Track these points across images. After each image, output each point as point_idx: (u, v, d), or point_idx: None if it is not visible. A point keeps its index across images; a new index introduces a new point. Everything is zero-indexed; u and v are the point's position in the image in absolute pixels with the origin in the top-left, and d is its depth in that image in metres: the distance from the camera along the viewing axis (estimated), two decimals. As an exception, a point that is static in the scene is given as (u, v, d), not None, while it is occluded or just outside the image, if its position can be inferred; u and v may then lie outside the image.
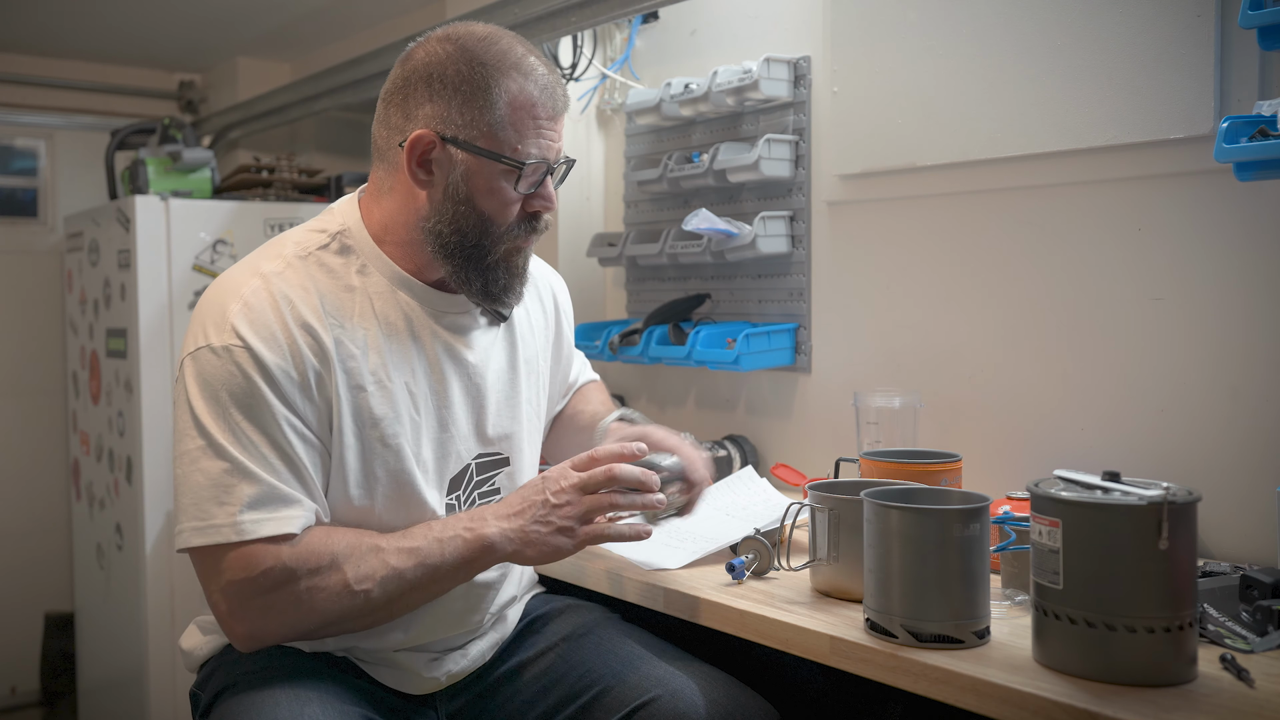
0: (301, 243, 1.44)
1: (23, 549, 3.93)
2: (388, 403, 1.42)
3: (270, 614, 1.33)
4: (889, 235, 2.11)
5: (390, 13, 3.47)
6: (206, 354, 1.34)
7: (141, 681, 3.04)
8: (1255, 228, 1.61)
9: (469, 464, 1.51)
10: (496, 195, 1.40)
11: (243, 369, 1.33)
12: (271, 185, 3.29)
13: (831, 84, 2.17)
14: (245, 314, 1.35)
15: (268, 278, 1.39)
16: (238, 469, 1.31)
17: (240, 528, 1.30)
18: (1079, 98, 1.77)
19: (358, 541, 1.35)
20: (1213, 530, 1.63)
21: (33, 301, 4.02)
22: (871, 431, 1.95)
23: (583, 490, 1.38)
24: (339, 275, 1.43)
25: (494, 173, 1.39)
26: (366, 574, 1.33)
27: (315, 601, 1.32)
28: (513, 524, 1.37)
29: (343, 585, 1.32)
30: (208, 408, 1.33)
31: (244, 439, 1.32)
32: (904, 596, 1.26)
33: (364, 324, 1.42)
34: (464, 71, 1.38)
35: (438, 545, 1.36)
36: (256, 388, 1.33)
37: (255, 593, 1.31)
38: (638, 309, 2.65)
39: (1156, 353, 1.72)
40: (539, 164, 1.41)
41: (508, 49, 1.41)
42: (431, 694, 1.52)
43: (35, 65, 3.99)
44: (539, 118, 1.39)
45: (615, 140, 2.73)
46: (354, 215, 1.47)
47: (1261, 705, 1.08)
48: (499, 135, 1.38)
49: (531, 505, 1.38)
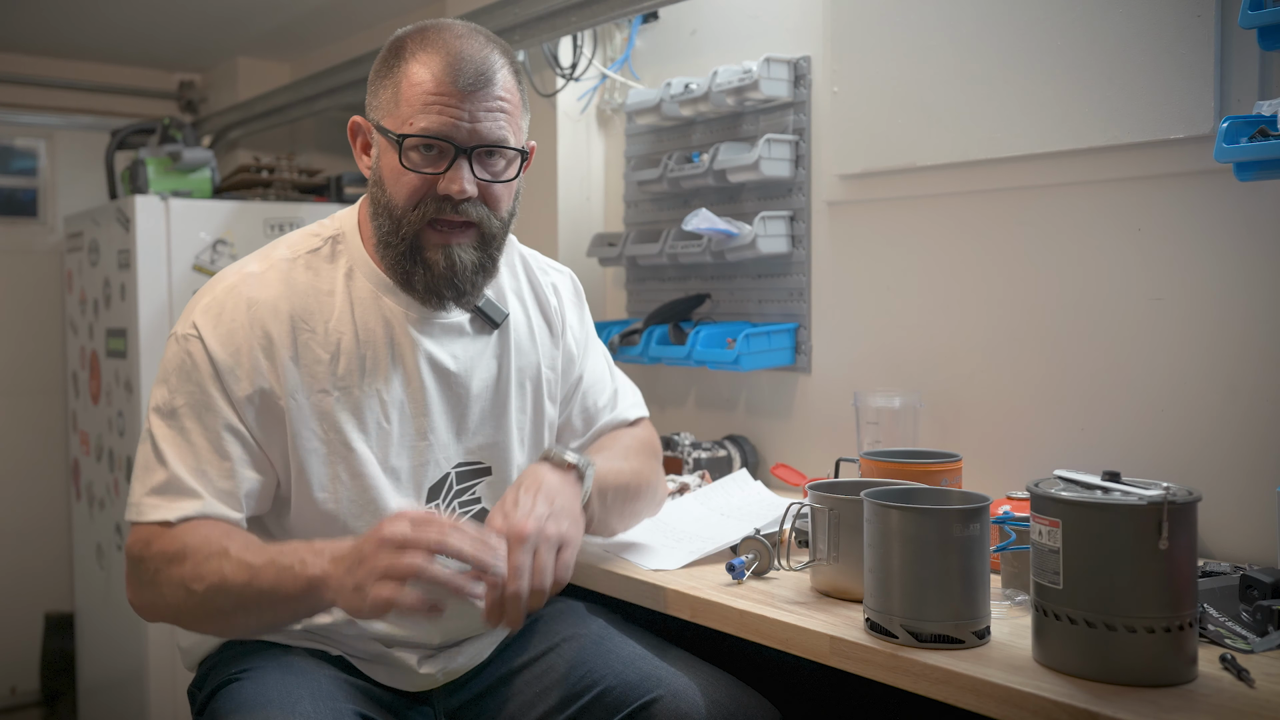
0: (294, 245, 1.49)
1: (23, 549, 3.94)
2: (352, 408, 1.43)
3: (141, 589, 1.38)
4: (889, 235, 2.11)
5: (390, 13, 3.47)
6: (171, 342, 1.43)
7: (141, 681, 3.04)
8: (1255, 228, 1.61)
9: (449, 473, 1.50)
10: (396, 173, 1.40)
11: (193, 358, 1.40)
12: (271, 185, 3.29)
13: (831, 84, 2.17)
14: (211, 309, 1.42)
15: (245, 278, 1.44)
16: (158, 455, 1.39)
17: (139, 508, 1.38)
18: (1079, 98, 1.77)
19: (215, 543, 1.33)
20: (1213, 530, 1.63)
21: (33, 301, 4.02)
22: (871, 431, 1.95)
23: (399, 547, 1.21)
24: (323, 279, 1.46)
25: (390, 149, 1.40)
26: (201, 575, 1.31)
27: (161, 587, 1.35)
28: (336, 569, 1.26)
29: (179, 578, 1.33)
30: (157, 391, 1.42)
31: (177, 424, 1.39)
32: (904, 596, 1.26)
33: (339, 329, 1.44)
34: (389, 56, 1.43)
35: (273, 570, 1.29)
36: (201, 378, 1.39)
37: (131, 567, 1.39)
38: (638, 309, 2.65)
39: (1156, 353, 1.72)
40: (431, 141, 1.36)
41: (434, 34, 1.41)
42: (428, 691, 1.52)
43: (35, 65, 3.99)
44: (433, 92, 1.37)
45: (615, 140, 2.73)
46: (351, 221, 1.51)
47: (1261, 705, 1.08)
48: (395, 111, 1.39)
49: (355, 553, 1.24)
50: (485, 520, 1.36)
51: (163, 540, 1.35)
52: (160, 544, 1.35)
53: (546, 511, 1.33)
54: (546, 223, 2.71)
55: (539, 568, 1.29)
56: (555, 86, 2.66)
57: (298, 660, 1.43)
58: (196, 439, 1.38)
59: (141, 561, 1.37)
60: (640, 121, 2.54)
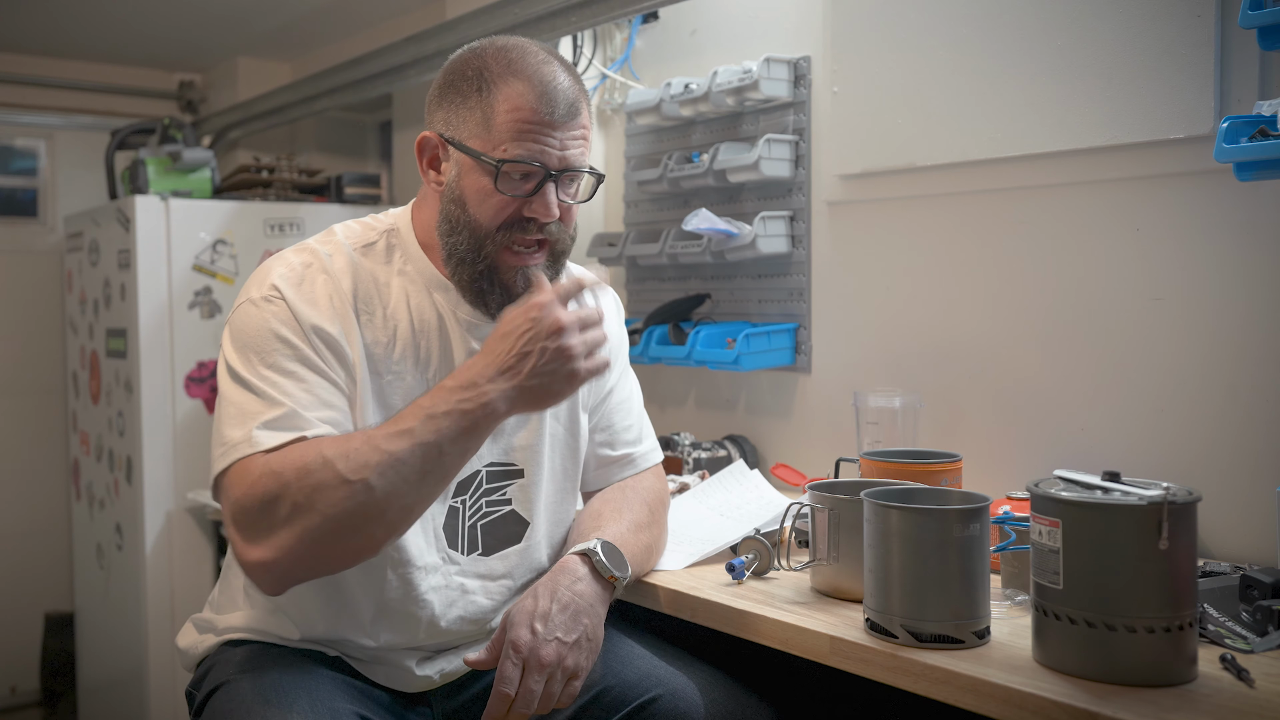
0: (352, 234, 1.50)
1: (23, 549, 3.94)
2: (403, 395, 1.44)
3: (276, 530, 1.26)
4: (889, 235, 2.11)
5: (390, 13, 3.47)
6: (245, 308, 1.40)
7: (141, 681, 3.04)
8: (1255, 228, 1.61)
9: (479, 470, 1.51)
10: (484, 195, 1.41)
11: (279, 317, 1.38)
12: (271, 185, 3.28)
13: (831, 84, 2.17)
14: (289, 276, 1.41)
15: (317, 254, 1.45)
16: (261, 396, 1.33)
17: (254, 439, 1.29)
18: (1079, 98, 1.77)
19: (346, 436, 1.31)
20: (1213, 530, 1.63)
21: (33, 301, 4.02)
22: (871, 431, 1.95)
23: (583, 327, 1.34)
24: (381, 269, 1.48)
25: (481, 172, 1.41)
26: (360, 463, 1.26)
27: (314, 502, 1.25)
28: (512, 381, 1.31)
29: (337, 479, 1.25)
30: (239, 355, 1.37)
31: (269, 378, 1.35)
32: (904, 596, 1.26)
33: (395, 316, 1.46)
34: (469, 75, 1.42)
35: (432, 422, 1.29)
36: (286, 334, 1.37)
37: (256, 508, 1.27)
38: (638, 309, 2.65)
39: (1156, 353, 1.72)
40: (527, 167, 1.40)
41: (517, 56, 1.42)
42: (425, 692, 1.52)
43: (35, 65, 3.99)
44: (529, 120, 1.39)
45: (615, 140, 2.73)
46: (405, 218, 1.53)
47: (1261, 705, 1.08)
48: (487, 135, 1.40)
49: (523, 357, 1.31)
50: (509, 615, 1.37)
51: (289, 459, 1.27)
52: (291, 461, 1.27)
53: (572, 639, 1.35)
54: (546, 223, 2.71)
55: (547, 695, 1.32)
56: (555, 86, 2.66)
57: (295, 661, 1.42)
58: (294, 389, 1.34)
59: (276, 497, 1.26)
60: (640, 121, 2.54)
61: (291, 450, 1.29)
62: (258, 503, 1.27)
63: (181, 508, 3.03)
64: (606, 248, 2.60)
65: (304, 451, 1.28)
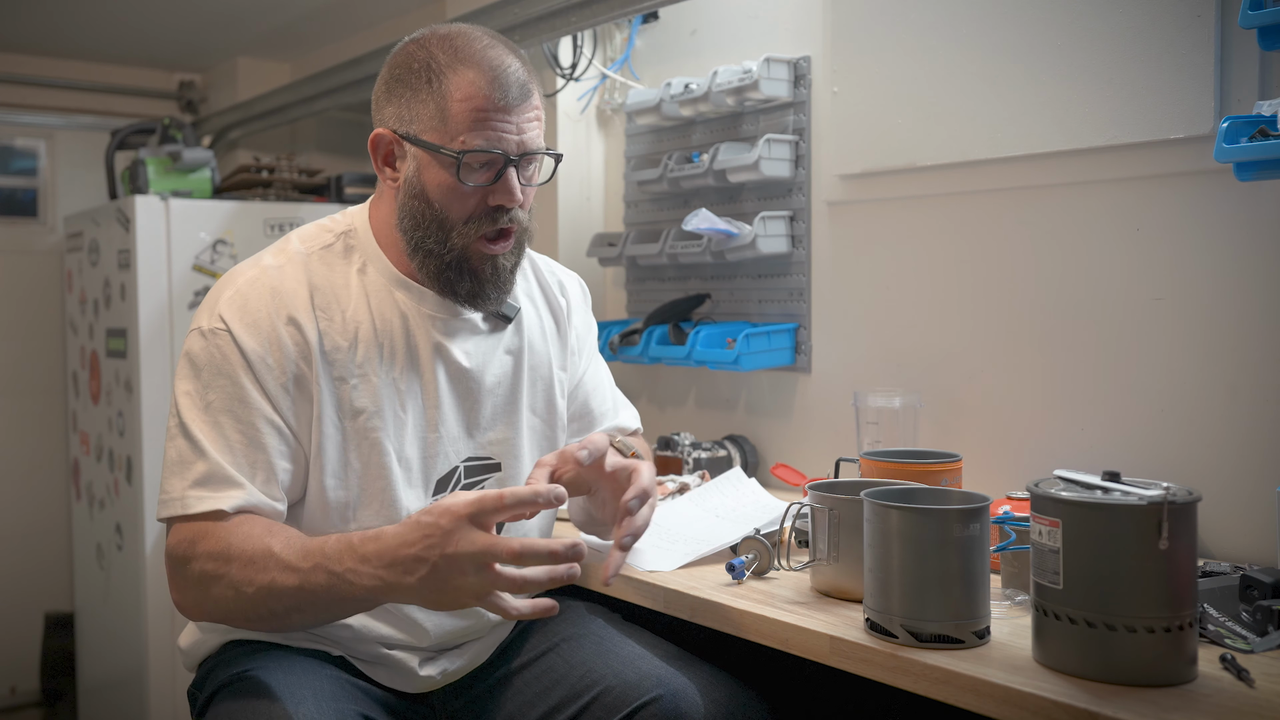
0: (307, 239, 1.50)
1: (23, 549, 3.93)
2: (370, 396, 1.44)
3: (187, 590, 1.35)
4: (889, 235, 2.11)
5: (390, 13, 3.47)
6: (195, 336, 1.42)
7: (141, 681, 3.04)
8: (1255, 228, 1.61)
9: (458, 466, 1.51)
10: (447, 188, 1.41)
11: (223, 352, 1.39)
12: (271, 185, 3.29)
13: (831, 84, 2.17)
14: (235, 301, 1.41)
15: (265, 270, 1.44)
16: (196, 448, 1.37)
17: (184, 502, 1.35)
18: (1079, 98, 1.77)
19: (259, 542, 1.30)
20: (1213, 530, 1.63)
21: (33, 301, 4.02)
22: (871, 431, 1.95)
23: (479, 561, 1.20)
24: (338, 272, 1.47)
25: (441, 165, 1.41)
26: (249, 577, 1.28)
27: (209, 589, 1.31)
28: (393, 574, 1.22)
29: (229, 581, 1.29)
30: (186, 387, 1.40)
31: (208, 419, 1.37)
32: (904, 596, 1.26)
33: (356, 318, 1.45)
34: (416, 68, 1.41)
35: (323, 575, 1.26)
36: (233, 371, 1.38)
37: (176, 565, 1.35)
38: (638, 309, 2.65)
39: (1156, 353, 1.72)
40: (486, 155, 1.39)
41: (465, 45, 1.41)
42: (428, 693, 1.52)
43: (35, 65, 3.99)
44: (484, 109, 1.39)
45: (615, 140, 2.73)
46: (362, 217, 1.52)
47: (1261, 705, 1.08)
48: (444, 127, 1.40)
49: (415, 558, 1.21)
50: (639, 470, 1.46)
51: (209, 540, 1.32)
52: (206, 544, 1.32)
53: None
54: (547, 223, 2.71)
55: None
56: (555, 86, 2.66)
57: (300, 660, 1.43)
58: (231, 433, 1.37)
59: (187, 562, 1.33)
60: (640, 121, 2.54)
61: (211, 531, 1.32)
62: (176, 560, 1.35)
63: (181, 508, 3.03)
64: (606, 248, 2.60)
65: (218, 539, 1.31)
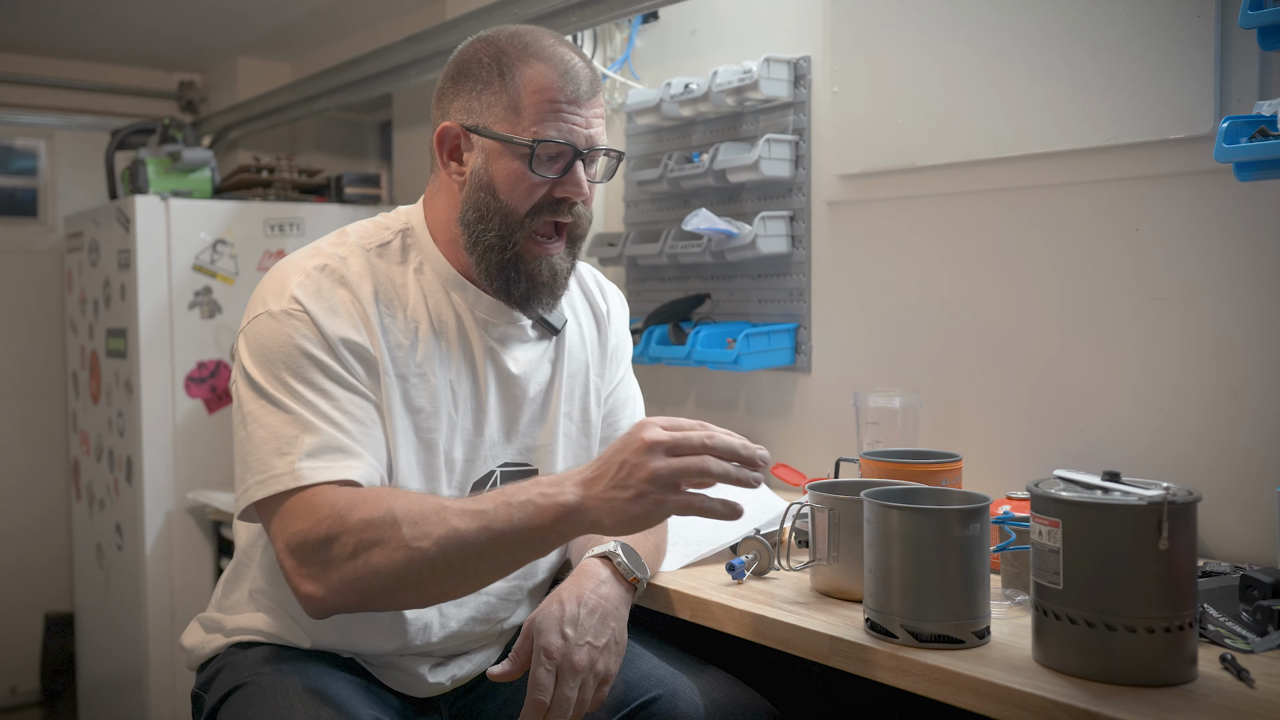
0: (364, 235, 1.48)
1: (23, 549, 3.94)
2: (428, 396, 1.43)
3: (330, 570, 1.25)
4: (889, 235, 2.11)
5: (390, 13, 3.47)
6: (264, 319, 1.36)
7: (141, 681, 3.04)
8: (1255, 228, 1.61)
9: (494, 470, 1.50)
10: (516, 179, 1.40)
11: (300, 331, 1.34)
12: (271, 185, 3.28)
13: (831, 84, 2.17)
14: (306, 284, 1.38)
15: (332, 258, 1.42)
16: (297, 421, 1.31)
17: (299, 473, 1.28)
18: (1079, 98, 1.77)
19: (420, 499, 1.27)
20: (1213, 530, 1.63)
21: (33, 301, 4.02)
22: (871, 431, 1.95)
23: (670, 452, 1.19)
24: (397, 269, 1.46)
25: (512, 155, 1.40)
26: (425, 532, 1.22)
27: (371, 558, 1.23)
28: (591, 490, 1.21)
29: (398, 541, 1.22)
30: (263, 371, 1.34)
31: (301, 396, 1.32)
32: (904, 596, 1.26)
33: (415, 317, 1.44)
34: (485, 62, 1.42)
35: (506, 510, 1.22)
36: (312, 350, 1.34)
37: (315, 545, 1.25)
38: (638, 309, 2.65)
39: (1156, 353, 1.72)
40: (558, 146, 1.40)
41: (532, 40, 1.42)
42: (435, 697, 1.52)
43: (35, 65, 3.99)
44: (556, 100, 1.39)
45: (615, 140, 2.73)
46: (418, 216, 1.51)
47: (1261, 705, 1.08)
48: (515, 119, 1.39)
49: (609, 467, 1.21)
50: (535, 622, 1.32)
51: (365, 507, 1.25)
52: (363, 511, 1.24)
53: (602, 642, 1.32)
54: (546, 223, 2.71)
55: (580, 701, 1.29)
56: (555, 86, 2.66)
57: (313, 665, 1.42)
58: (326, 405, 1.32)
59: (335, 539, 1.24)
60: (640, 121, 2.54)
61: (361, 498, 1.27)
62: (319, 541, 1.25)
63: (181, 508, 3.03)
64: (606, 248, 2.60)
65: (374, 504, 1.25)
